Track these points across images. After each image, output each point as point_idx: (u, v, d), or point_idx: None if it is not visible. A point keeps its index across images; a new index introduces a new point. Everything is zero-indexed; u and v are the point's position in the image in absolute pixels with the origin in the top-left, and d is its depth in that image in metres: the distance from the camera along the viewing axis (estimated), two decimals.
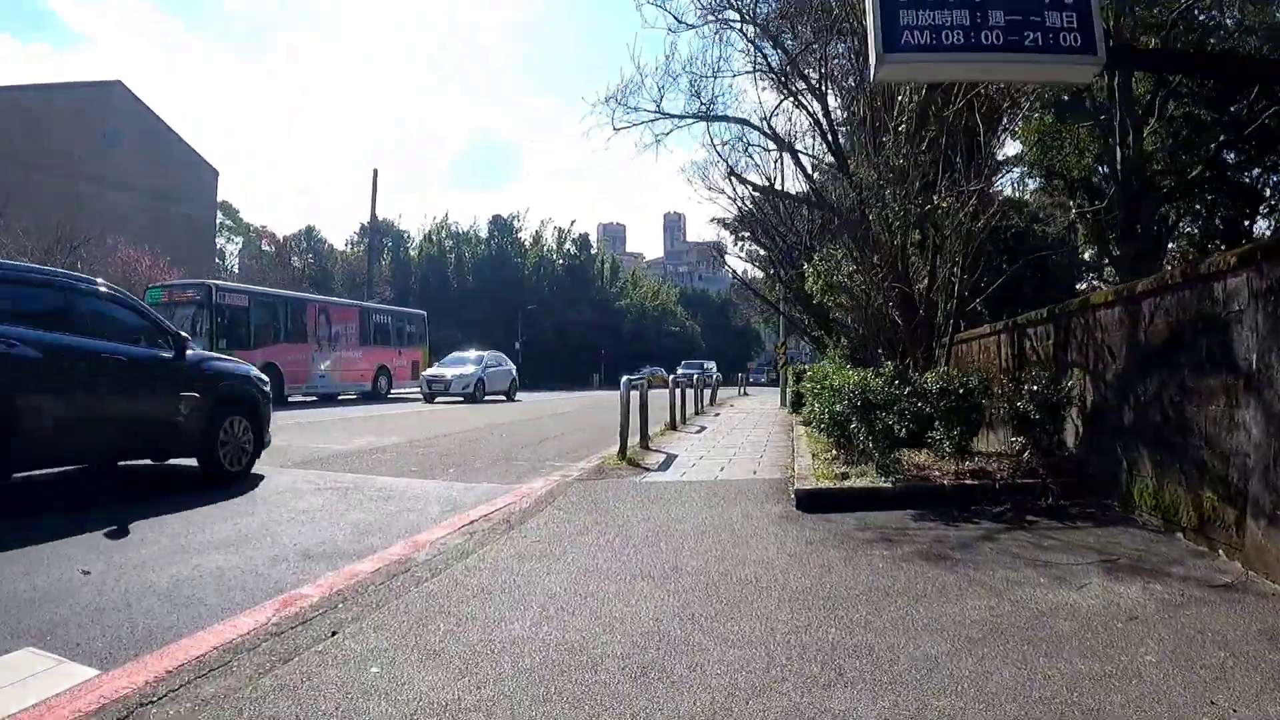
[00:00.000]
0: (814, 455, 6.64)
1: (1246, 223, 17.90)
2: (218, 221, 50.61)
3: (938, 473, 5.30)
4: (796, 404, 11.08)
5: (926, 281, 7.34)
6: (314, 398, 20.96)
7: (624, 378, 8.22)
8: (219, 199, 50.15)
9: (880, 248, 7.24)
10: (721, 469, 6.95)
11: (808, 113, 11.88)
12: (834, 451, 6.44)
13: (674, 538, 4.29)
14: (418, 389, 25.11)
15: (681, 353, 68.03)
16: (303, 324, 20.83)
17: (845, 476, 5.33)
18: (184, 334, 6.43)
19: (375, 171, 31.67)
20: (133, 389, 5.80)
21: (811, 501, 4.93)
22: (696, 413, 15.61)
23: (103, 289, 5.87)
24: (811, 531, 4.37)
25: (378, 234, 32.69)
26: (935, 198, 7.06)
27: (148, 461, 6.62)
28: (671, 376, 13.79)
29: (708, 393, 19.34)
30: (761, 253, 23.21)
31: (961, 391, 5.23)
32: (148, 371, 5.93)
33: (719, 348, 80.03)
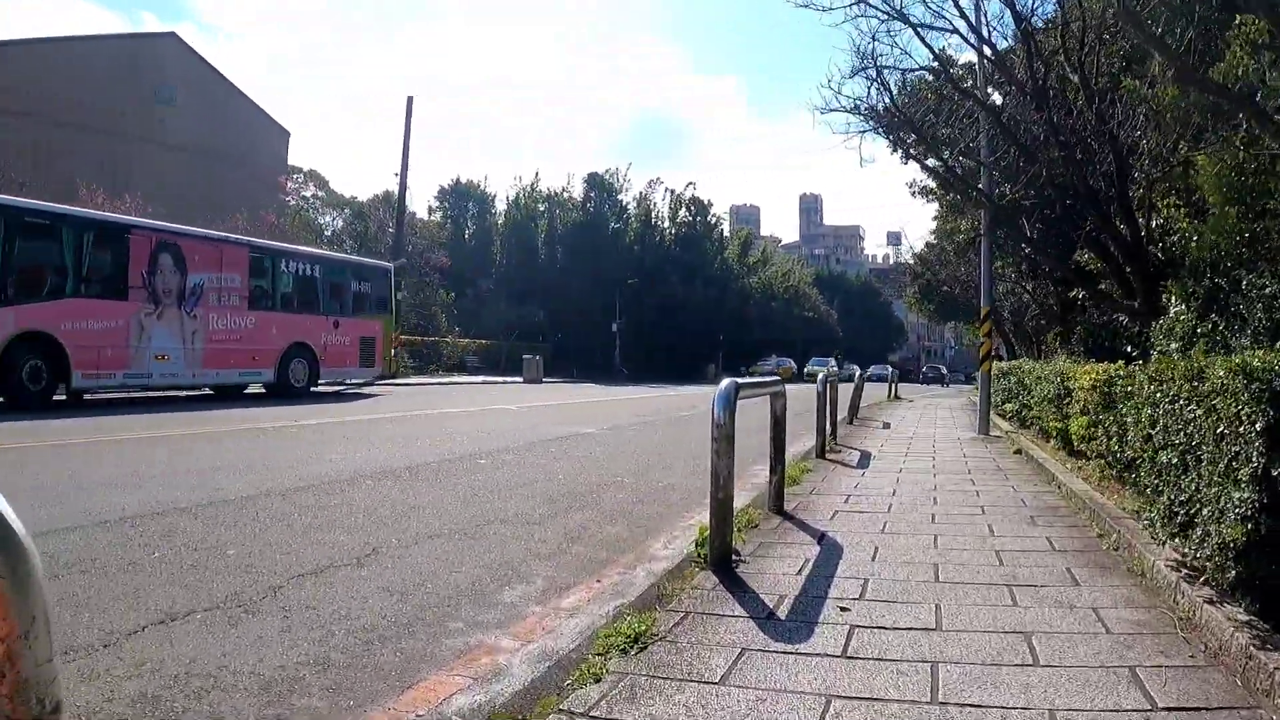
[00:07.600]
0: None
1: None
2: (309, 194, 46.94)
3: None
4: None
5: None
6: (150, 392, 13.11)
7: None
8: (307, 168, 46.31)
9: None
10: None
11: None
12: None
13: None
14: (364, 378, 17.65)
15: (816, 342, 57.34)
16: (120, 265, 12.09)
17: None
18: None
19: (410, 99, 24.99)
20: None
21: None
22: (821, 453, 6.98)
23: None
24: None
25: (407, 174, 24.47)
26: None
27: None
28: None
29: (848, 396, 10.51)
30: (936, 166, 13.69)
31: None
32: None
33: (857, 337, 68.82)
